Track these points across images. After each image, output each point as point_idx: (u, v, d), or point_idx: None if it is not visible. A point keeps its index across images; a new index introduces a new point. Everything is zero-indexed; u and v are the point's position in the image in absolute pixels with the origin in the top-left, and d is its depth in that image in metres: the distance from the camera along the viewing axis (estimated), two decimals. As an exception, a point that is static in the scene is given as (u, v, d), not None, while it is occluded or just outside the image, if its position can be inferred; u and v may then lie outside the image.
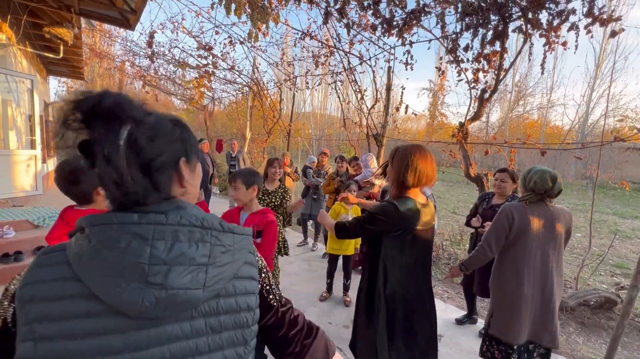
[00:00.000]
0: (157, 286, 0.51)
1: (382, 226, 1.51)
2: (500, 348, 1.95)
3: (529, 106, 30.78)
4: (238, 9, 3.86)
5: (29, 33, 6.05)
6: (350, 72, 5.18)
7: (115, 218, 0.52)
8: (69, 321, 0.49)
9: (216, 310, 0.58)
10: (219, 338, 0.58)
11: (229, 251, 0.60)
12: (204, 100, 10.02)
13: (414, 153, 1.53)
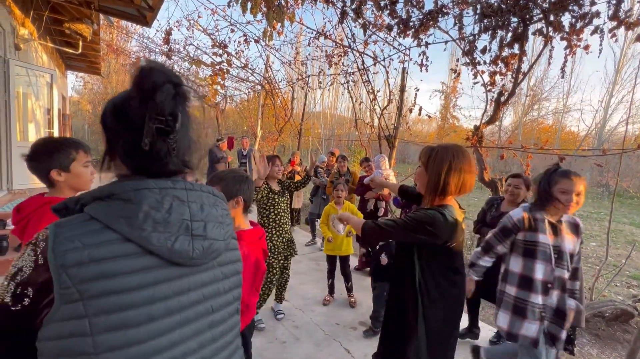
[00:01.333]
0: (200, 237, 0.63)
1: (428, 236, 1.31)
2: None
3: (543, 110, 30.17)
4: (254, 8, 3.88)
5: (50, 28, 6.19)
6: (363, 72, 5.15)
7: (154, 184, 0.61)
8: (123, 277, 0.55)
9: (225, 260, 0.72)
10: (229, 282, 0.72)
11: (228, 214, 0.74)
12: (216, 97, 10.11)
13: (456, 155, 1.33)
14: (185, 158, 0.66)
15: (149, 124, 0.58)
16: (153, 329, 0.57)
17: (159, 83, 0.60)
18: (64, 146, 1.26)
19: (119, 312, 0.54)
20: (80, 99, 17.61)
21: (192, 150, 0.67)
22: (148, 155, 0.60)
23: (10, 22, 4.51)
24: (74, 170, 1.27)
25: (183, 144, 0.64)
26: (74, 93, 17.95)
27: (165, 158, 0.61)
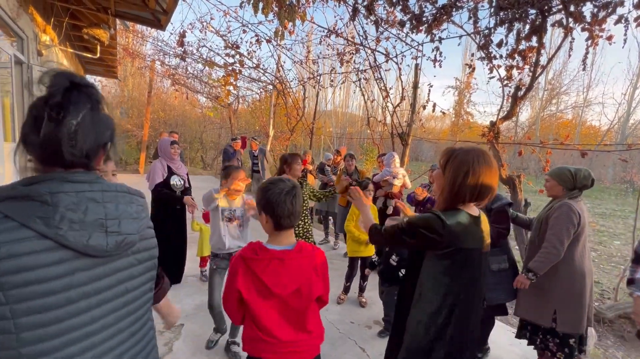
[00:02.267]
0: (115, 233, 0.72)
1: (423, 241, 1.26)
2: (555, 340, 2.10)
3: (562, 105, 29.19)
4: (266, 8, 3.90)
5: (69, 34, 6.40)
6: (375, 69, 5.10)
7: (70, 187, 0.68)
8: (42, 269, 0.62)
9: (140, 248, 0.82)
10: (143, 267, 0.83)
11: (143, 209, 0.83)
12: (229, 98, 10.23)
13: (477, 160, 1.24)
14: (87, 153, 0.72)
15: (38, 111, 0.67)
16: (72, 309, 0.66)
17: (56, 80, 0.68)
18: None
19: (39, 299, 0.62)
20: (99, 102, 18.11)
21: (96, 146, 0.74)
22: (42, 144, 0.67)
23: (32, 29, 4.68)
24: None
25: (85, 139, 0.71)
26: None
27: (59, 148, 0.67)
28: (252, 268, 1.11)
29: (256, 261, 1.12)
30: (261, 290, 1.12)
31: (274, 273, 1.12)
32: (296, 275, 1.13)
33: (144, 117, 13.04)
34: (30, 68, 4.70)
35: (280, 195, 1.13)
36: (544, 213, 2.20)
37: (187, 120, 16.97)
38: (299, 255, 1.15)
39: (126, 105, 16.18)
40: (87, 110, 0.71)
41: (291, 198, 1.14)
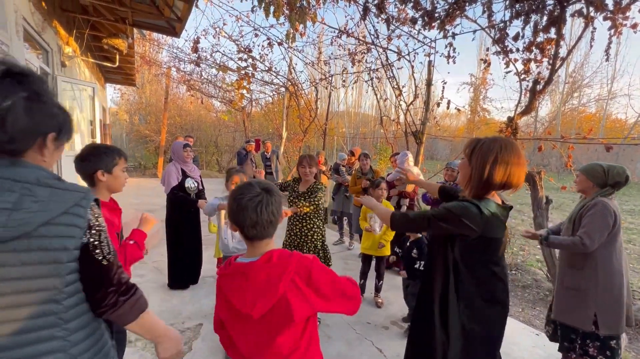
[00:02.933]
0: None
1: (459, 228, 1.26)
2: (596, 343, 2.01)
3: (585, 98, 28.05)
4: (277, 11, 3.94)
5: (90, 45, 6.67)
6: (387, 68, 5.06)
7: None
8: None
9: (28, 247, 0.70)
10: (32, 269, 0.71)
11: (41, 201, 0.72)
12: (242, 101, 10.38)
13: (504, 147, 1.25)
14: (13, 138, 0.72)
15: None
16: None
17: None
18: (110, 151, 1.46)
19: None
20: (118, 110, 18.78)
21: (29, 134, 0.75)
22: None
23: (56, 41, 4.90)
24: (115, 172, 1.46)
25: (14, 124, 0.71)
26: (112, 105, 19.17)
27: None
28: (221, 286, 1.01)
29: (224, 277, 1.01)
30: (231, 310, 0.98)
31: (238, 289, 0.95)
32: (264, 290, 0.92)
33: (161, 123, 13.41)
34: (54, 79, 4.93)
35: (243, 202, 0.95)
36: (576, 211, 2.11)
37: (203, 124, 17.33)
38: (267, 266, 0.94)
39: (144, 112, 16.68)
40: (20, 97, 0.72)
41: (255, 206, 0.95)
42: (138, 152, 16.57)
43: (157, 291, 3.26)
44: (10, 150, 0.74)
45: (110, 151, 1.46)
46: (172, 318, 2.77)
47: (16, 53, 3.37)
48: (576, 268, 2.05)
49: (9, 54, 3.24)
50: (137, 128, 15.98)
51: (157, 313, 2.78)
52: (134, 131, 16.28)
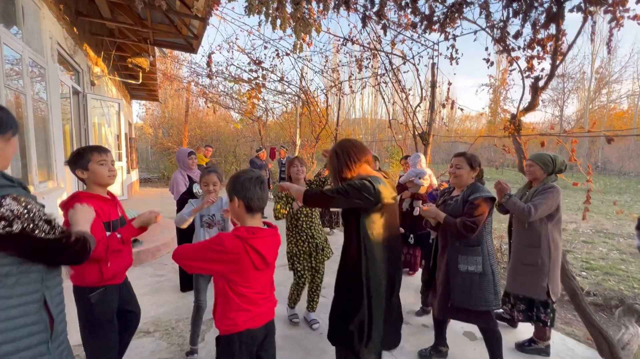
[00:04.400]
0: None
1: (361, 199, 1.56)
2: (547, 310, 2.37)
3: (614, 94, 26.72)
4: (283, 24, 4.17)
5: (117, 65, 7.22)
6: (393, 72, 5.17)
7: None
8: None
9: None
10: None
11: None
12: (256, 111, 10.75)
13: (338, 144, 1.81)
14: None
15: None
16: None
17: None
18: (83, 150, 1.62)
19: None
20: (144, 125, 19.83)
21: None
22: None
23: (86, 62, 5.38)
24: (91, 168, 1.60)
25: None
26: (138, 120, 20.28)
27: None
28: (254, 245, 1.26)
29: (257, 239, 1.27)
30: (263, 263, 1.30)
31: (269, 246, 1.33)
32: (276, 247, 1.40)
33: (182, 135, 14.06)
34: (85, 97, 5.39)
35: (250, 182, 1.31)
36: (530, 193, 2.44)
37: (222, 135, 17.97)
38: (275, 232, 1.40)
39: (167, 125, 17.53)
40: None
41: (259, 185, 1.33)
42: (162, 164, 17.37)
43: (174, 289, 3.47)
44: None
45: (83, 150, 1.62)
46: (187, 312, 2.95)
47: (52, 74, 3.77)
48: (534, 246, 2.35)
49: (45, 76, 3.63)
50: (160, 141, 16.80)
51: (173, 308, 2.99)
52: (158, 143, 17.12)
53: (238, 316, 1.31)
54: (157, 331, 2.64)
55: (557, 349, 2.57)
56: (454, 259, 2.09)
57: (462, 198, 2.12)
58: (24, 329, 0.94)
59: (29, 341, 0.94)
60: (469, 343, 2.64)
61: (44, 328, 0.98)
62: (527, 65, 3.64)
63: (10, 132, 0.99)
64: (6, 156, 1.00)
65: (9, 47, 2.85)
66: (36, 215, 0.94)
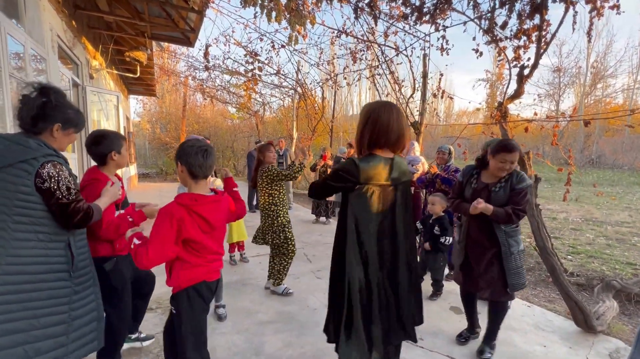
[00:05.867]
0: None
1: (343, 182, 1.51)
2: None
3: (610, 88, 26.87)
4: (278, 16, 4.27)
5: (114, 59, 7.29)
6: (387, 64, 5.28)
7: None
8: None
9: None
10: (2, 197, 1.19)
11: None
12: (253, 103, 10.82)
13: (376, 110, 1.52)
14: (27, 122, 1.31)
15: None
16: None
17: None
18: (118, 135, 1.86)
19: None
20: (141, 120, 19.82)
21: (37, 121, 1.32)
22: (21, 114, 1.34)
23: (85, 56, 5.46)
24: (122, 152, 1.84)
25: (27, 114, 1.29)
26: (136, 117, 20.26)
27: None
28: (198, 211, 1.38)
29: (200, 206, 1.39)
30: (203, 225, 1.41)
31: (214, 212, 1.44)
32: (223, 211, 1.52)
33: (180, 130, 14.11)
34: (84, 90, 5.47)
35: (192, 149, 1.41)
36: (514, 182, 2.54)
37: (219, 130, 18.03)
38: (222, 198, 1.53)
39: (164, 121, 17.56)
40: (39, 100, 1.28)
41: (202, 153, 1.42)
42: (160, 159, 17.43)
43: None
44: (29, 129, 1.30)
45: (118, 136, 1.85)
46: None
47: (52, 66, 3.86)
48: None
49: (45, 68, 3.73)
50: (158, 136, 16.85)
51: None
52: (156, 139, 17.17)
53: (194, 272, 1.45)
54: (159, 308, 2.78)
55: (537, 320, 2.73)
56: (506, 244, 2.09)
57: (509, 187, 2.10)
58: (57, 258, 1.32)
59: (58, 267, 1.33)
60: (454, 315, 2.79)
61: (67, 261, 1.35)
62: (514, 55, 3.77)
63: (71, 129, 1.40)
64: (63, 143, 1.42)
65: (12, 37, 2.94)
66: (62, 180, 1.29)
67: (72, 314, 1.33)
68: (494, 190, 2.13)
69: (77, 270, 1.38)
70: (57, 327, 1.29)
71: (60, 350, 1.28)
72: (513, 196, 2.07)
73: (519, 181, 2.09)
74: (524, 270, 2.17)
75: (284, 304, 2.92)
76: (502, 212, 2.03)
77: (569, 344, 2.39)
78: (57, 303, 1.30)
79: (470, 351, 2.29)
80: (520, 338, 2.47)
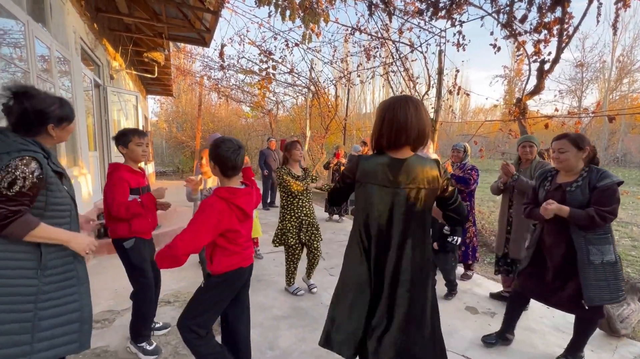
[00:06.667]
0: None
1: (347, 179, 1.48)
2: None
3: (637, 83, 25.66)
4: (292, 14, 4.29)
5: (133, 59, 7.49)
6: (401, 61, 5.22)
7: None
8: None
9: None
10: None
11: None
12: (266, 102, 10.91)
13: (392, 105, 1.37)
14: (16, 125, 1.28)
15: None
16: None
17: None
18: (127, 131, 2.03)
19: None
20: (158, 120, 20.31)
21: (26, 125, 1.29)
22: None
23: (105, 57, 5.64)
24: (130, 147, 2.01)
25: (14, 119, 1.29)
26: (153, 117, 20.79)
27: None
28: (236, 202, 1.51)
29: (237, 198, 1.52)
30: (240, 215, 1.55)
31: (247, 202, 1.58)
32: (253, 201, 1.67)
33: (195, 129, 14.38)
34: (105, 90, 5.66)
35: (227, 149, 1.51)
36: (529, 171, 2.71)
37: (234, 129, 18.25)
38: (252, 190, 1.66)
39: (180, 120, 17.93)
40: (21, 107, 1.23)
41: (237, 152, 1.53)
42: (176, 158, 17.81)
43: (191, 267, 3.68)
44: (24, 134, 1.26)
45: (127, 132, 2.02)
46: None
47: (75, 67, 4.01)
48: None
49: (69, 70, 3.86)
50: (174, 135, 17.23)
51: (191, 283, 3.21)
52: (172, 138, 17.55)
53: (233, 259, 1.60)
54: (177, 301, 2.86)
55: (556, 322, 2.66)
56: (583, 251, 1.87)
57: (587, 185, 1.89)
58: (23, 254, 1.26)
59: (22, 264, 1.26)
60: (470, 315, 2.75)
61: (34, 258, 1.27)
62: (534, 49, 3.67)
63: (64, 123, 1.36)
64: (63, 137, 1.39)
65: (40, 40, 3.08)
66: (12, 174, 1.16)
67: (39, 314, 1.27)
68: (568, 189, 1.93)
69: (46, 269, 1.30)
70: (17, 324, 1.23)
71: (22, 348, 1.23)
72: (595, 195, 1.84)
73: (601, 178, 1.85)
74: (614, 283, 1.87)
75: (297, 300, 2.95)
76: (583, 214, 1.82)
77: (591, 348, 2.31)
78: (19, 301, 1.24)
79: (487, 352, 2.25)
80: (539, 340, 2.41)
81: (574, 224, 1.88)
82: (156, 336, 2.32)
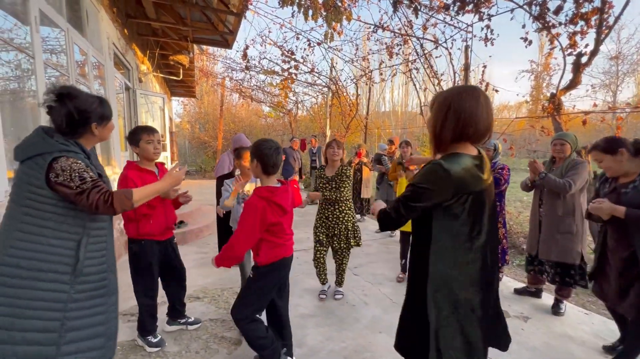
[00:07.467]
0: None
1: (426, 200, 1.15)
2: (580, 273, 2.59)
3: (679, 75, 23.90)
4: (315, 14, 4.30)
5: (159, 63, 7.76)
6: (425, 58, 5.11)
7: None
8: None
9: (18, 172, 1.22)
10: (17, 188, 1.20)
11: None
12: (288, 102, 10.99)
13: (459, 94, 1.14)
14: (63, 128, 1.30)
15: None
16: None
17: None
18: (137, 130, 2.06)
19: None
20: (182, 121, 20.95)
21: (71, 126, 1.33)
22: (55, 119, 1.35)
23: (135, 61, 5.86)
24: (140, 145, 2.02)
25: (59, 123, 1.29)
26: (177, 118, 21.46)
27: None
28: (275, 200, 1.65)
29: (276, 196, 1.66)
30: (281, 210, 1.70)
31: (285, 199, 1.71)
32: (290, 197, 1.80)
33: (217, 129, 14.73)
34: (134, 93, 5.89)
35: (269, 149, 1.66)
36: (560, 170, 2.61)
37: (254, 129, 18.54)
38: (289, 187, 1.79)
39: (203, 120, 18.41)
40: (65, 109, 1.25)
41: (276, 152, 1.68)
42: (199, 158, 18.30)
43: (218, 264, 3.78)
44: (69, 136, 1.28)
45: (136, 130, 2.05)
46: (230, 283, 3.23)
47: (109, 72, 4.20)
48: (571, 215, 2.55)
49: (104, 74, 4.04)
50: (197, 135, 17.71)
51: (218, 279, 3.28)
52: (195, 138, 18.05)
53: (278, 251, 1.77)
54: (205, 297, 2.94)
55: (596, 329, 2.52)
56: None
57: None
58: (58, 257, 1.20)
59: (57, 267, 1.19)
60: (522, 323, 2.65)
61: (71, 262, 1.22)
62: (569, 42, 3.50)
63: (105, 121, 1.39)
64: (105, 135, 1.42)
65: (78, 46, 3.24)
66: (75, 171, 1.21)
67: (67, 324, 1.17)
68: (623, 191, 1.92)
69: (80, 276, 1.22)
70: (43, 334, 1.13)
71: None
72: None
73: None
74: None
75: (323, 299, 2.95)
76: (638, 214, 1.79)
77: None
78: (47, 307, 1.14)
79: (500, 353, 2.17)
80: (578, 347, 2.29)
81: (633, 225, 1.84)
82: (188, 331, 2.40)
